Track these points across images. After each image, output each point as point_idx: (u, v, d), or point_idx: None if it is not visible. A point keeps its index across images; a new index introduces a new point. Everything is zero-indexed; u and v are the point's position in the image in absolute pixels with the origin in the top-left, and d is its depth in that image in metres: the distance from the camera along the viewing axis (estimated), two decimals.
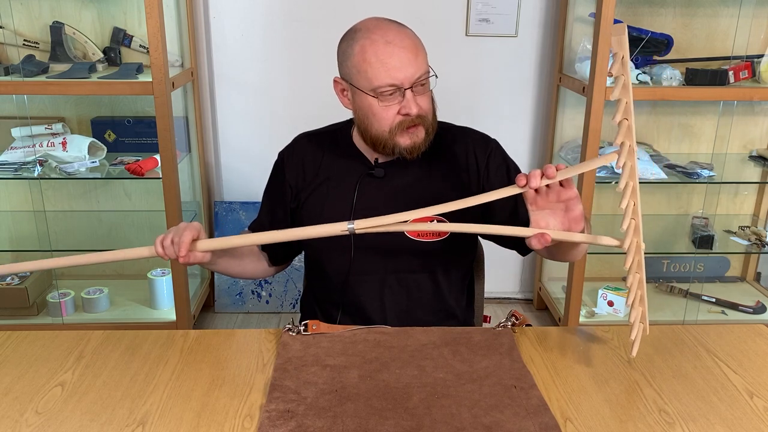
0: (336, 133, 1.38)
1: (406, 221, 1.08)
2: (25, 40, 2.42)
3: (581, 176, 2.32)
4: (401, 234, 1.27)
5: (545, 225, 1.08)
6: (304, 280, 1.52)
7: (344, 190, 1.31)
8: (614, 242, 1.07)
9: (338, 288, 1.34)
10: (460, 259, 1.38)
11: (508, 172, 1.33)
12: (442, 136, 1.32)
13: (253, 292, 2.83)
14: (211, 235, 2.82)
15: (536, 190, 1.06)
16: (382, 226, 1.09)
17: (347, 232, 1.09)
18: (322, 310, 1.40)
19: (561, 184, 1.05)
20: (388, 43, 1.18)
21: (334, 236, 1.13)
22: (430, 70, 1.23)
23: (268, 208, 1.41)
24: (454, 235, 1.29)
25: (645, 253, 1.06)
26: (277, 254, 1.40)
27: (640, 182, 1.04)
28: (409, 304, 1.33)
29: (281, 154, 1.41)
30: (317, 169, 1.36)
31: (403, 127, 1.21)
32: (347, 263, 1.31)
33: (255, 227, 1.42)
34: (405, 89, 1.18)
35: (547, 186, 1.05)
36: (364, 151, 1.33)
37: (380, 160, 1.31)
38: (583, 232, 1.09)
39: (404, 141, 1.23)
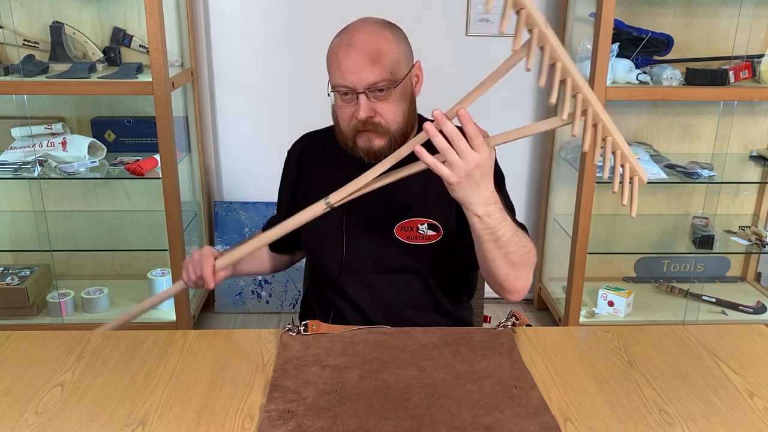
0: (334, 132, 1.38)
1: (382, 174, 1.10)
2: (25, 40, 2.42)
3: (581, 176, 2.32)
4: (391, 235, 1.29)
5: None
6: (304, 281, 1.53)
7: (336, 189, 1.31)
8: (558, 122, 1.01)
9: (331, 286, 1.36)
10: (453, 260, 1.37)
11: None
12: None
13: (253, 293, 2.83)
14: (211, 236, 2.83)
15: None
16: (357, 190, 1.12)
17: (327, 209, 1.13)
18: (319, 308, 1.41)
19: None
20: (349, 45, 1.19)
21: (327, 236, 1.18)
22: (392, 77, 1.19)
23: (278, 205, 1.48)
24: (444, 238, 1.29)
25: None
26: (274, 243, 1.40)
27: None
28: (400, 304, 1.34)
29: (288, 152, 1.45)
30: (313, 167, 1.39)
31: (355, 130, 1.22)
32: (339, 262, 1.33)
33: (271, 222, 1.47)
34: (358, 93, 1.19)
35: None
36: None
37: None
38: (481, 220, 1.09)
39: (361, 143, 1.24)
